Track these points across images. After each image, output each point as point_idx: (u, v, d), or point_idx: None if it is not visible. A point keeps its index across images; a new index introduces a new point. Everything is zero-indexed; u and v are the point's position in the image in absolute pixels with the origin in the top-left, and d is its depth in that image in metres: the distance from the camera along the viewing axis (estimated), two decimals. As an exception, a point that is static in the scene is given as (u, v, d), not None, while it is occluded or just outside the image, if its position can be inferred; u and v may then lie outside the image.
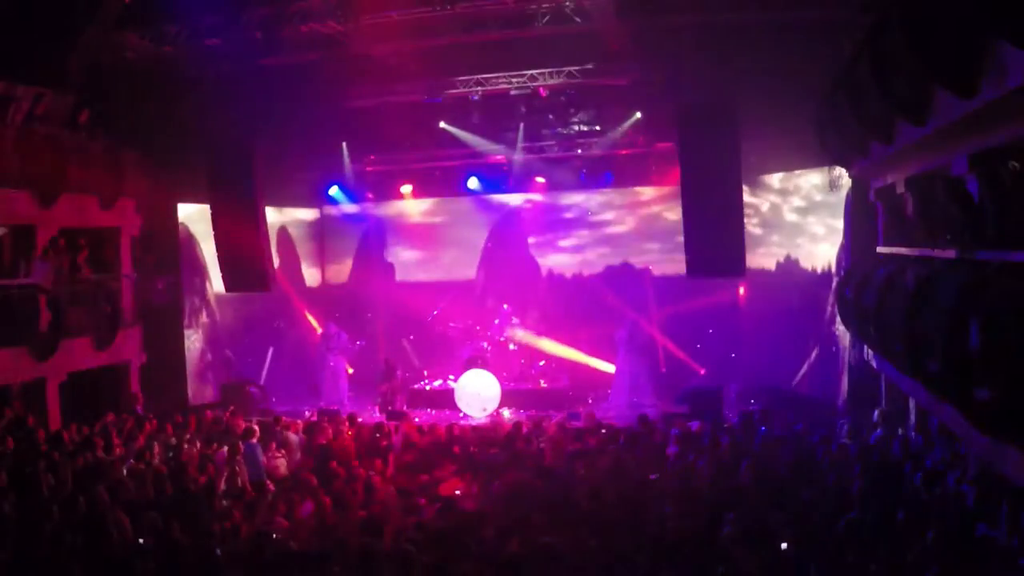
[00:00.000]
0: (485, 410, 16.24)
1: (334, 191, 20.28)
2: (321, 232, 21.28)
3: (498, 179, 19.54)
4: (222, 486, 11.21)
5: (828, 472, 9.68)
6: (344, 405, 16.95)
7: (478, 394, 16.36)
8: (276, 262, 16.96)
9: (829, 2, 12.02)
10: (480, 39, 14.39)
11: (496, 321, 18.40)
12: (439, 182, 20.08)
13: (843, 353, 14.48)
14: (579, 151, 18.64)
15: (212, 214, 16.09)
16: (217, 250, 16.34)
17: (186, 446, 12.40)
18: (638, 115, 17.17)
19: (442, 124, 18.21)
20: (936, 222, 9.13)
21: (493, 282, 19.91)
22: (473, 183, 19.63)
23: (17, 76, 12.99)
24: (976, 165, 7.82)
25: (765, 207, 17.41)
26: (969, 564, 6.54)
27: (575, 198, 19.74)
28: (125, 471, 10.92)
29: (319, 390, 18.21)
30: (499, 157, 18.85)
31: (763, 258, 17.42)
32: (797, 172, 16.07)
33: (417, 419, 15.17)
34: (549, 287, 19.66)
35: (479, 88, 16.28)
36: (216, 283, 17.00)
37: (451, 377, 17.56)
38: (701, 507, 8.62)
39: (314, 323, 19.58)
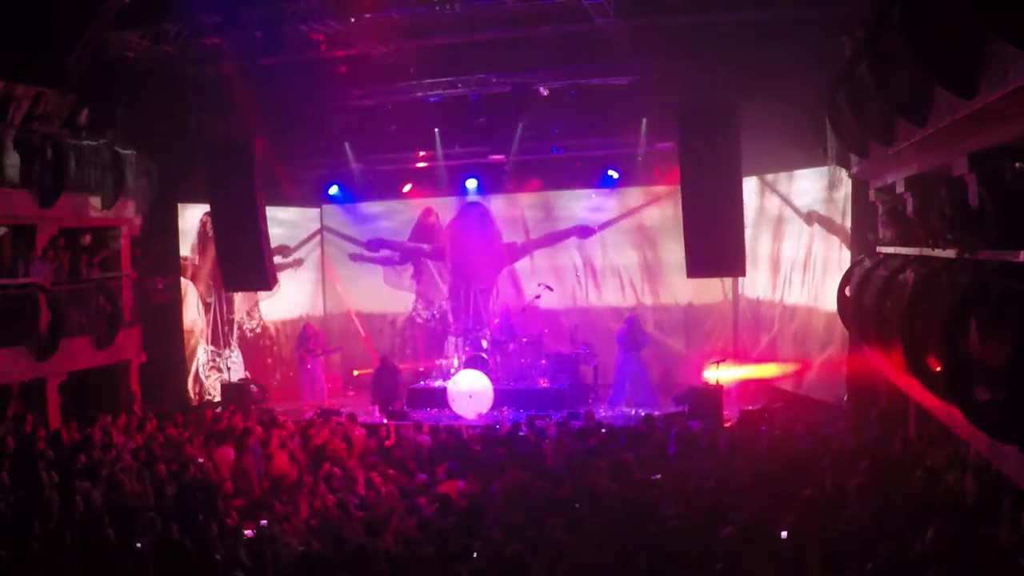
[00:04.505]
0: (478, 412, 16.18)
1: (334, 191, 20.28)
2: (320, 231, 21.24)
3: (497, 179, 19.50)
4: (225, 486, 11.22)
5: (827, 471, 9.67)
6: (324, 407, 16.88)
7: (469, 395, 16.30)
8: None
9: (829, 1, 12.04)
10: (481, 39, 14.43)
11: (496, 320, 18.40)
12: (439, 181, 20.04)
13: (842, 352, 14.47)
14: (579, 151, 18.63)
15: (212, 214, 16.11)
16: (217, 250, 16.36)
17: (189, 447, 12.40)
18: (644, 121, 17.19)
19: (436, 131, 18.25)
20: (936, 222, 9.13)
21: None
22: (471, 184, 19.59)
23: (17, 76, 12.99)
24: (976, 165, 7.83)
25: (763, 206, 17.40)
26: (969, 564, 6.54)
27: (574, 198, 19.69)
28: (124, 471, 10.91)
29: (299, 392, 18.20)
30: (499, 157, 18.84)
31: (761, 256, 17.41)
32: (796, 171, 16.05)
33: (417, 418, 15.19)
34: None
35: (479, 88, 16.28)
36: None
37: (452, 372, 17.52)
38: (701, 507, 8.62)
39: None
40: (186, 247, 17.34)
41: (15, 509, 9.23)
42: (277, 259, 17.59)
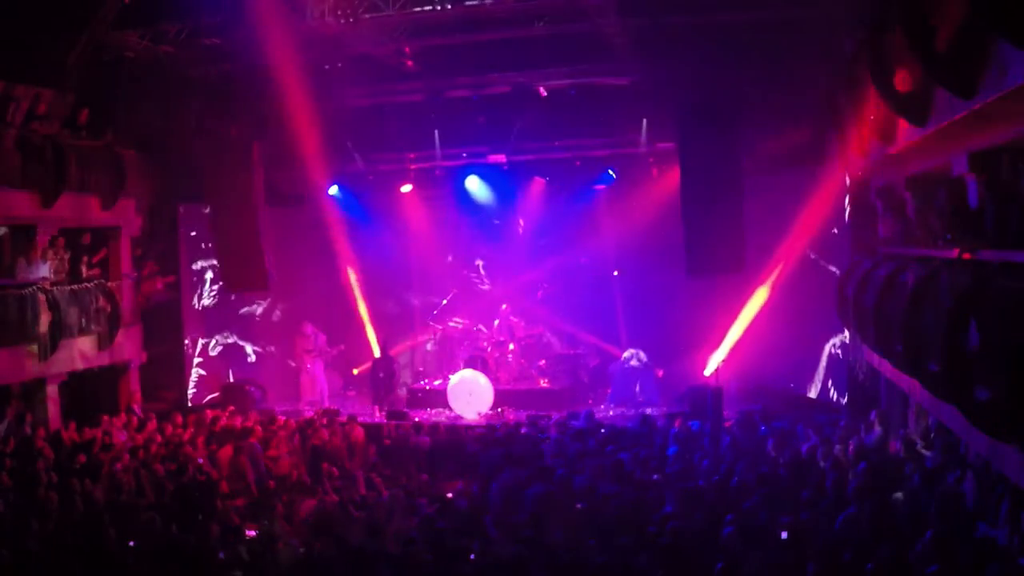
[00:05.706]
0: (479, 412, 16.16)
1: (334, 191, 20.23)
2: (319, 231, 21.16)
3: (497, 179, 19.47)
4: (224, 486, 11.22)
5: (827, 472, 9.68)
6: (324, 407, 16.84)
7: (469, 395, 16.28)
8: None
9: (829, 1, 12.03)
10: (481, 39, 14.41)
11: (496, 321, 18.39)
12: (439, 182, 20.01)
13: (843, 353, 14.47)
14: (579, 151, 18.61)
15: (212, 214, 16.10)
16: (216, 250, 16.35)
17: (189, 447, 12.40)
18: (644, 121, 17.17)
19: (436, 131, 18.22)
20: (936, 222, 9.14)
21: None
22: (472, 183, 19.55)
23: (17, 76, 12.99)
24: (976, 165, 7.83)
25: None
26: (969, 564, 6.54)
27: (574, 198, 19.66)
28: (124, 470, 10.92)
29: (299, 392, 18.18)
30: (499, 157, 18.81)
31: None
32: (797, 171, 16.03)
33: (417, 418, 15.18)
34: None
35: (479, 88, 16.25)
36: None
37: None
38: (701, 507, 8.62)
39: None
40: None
41: (15, 509, 9.24)
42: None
